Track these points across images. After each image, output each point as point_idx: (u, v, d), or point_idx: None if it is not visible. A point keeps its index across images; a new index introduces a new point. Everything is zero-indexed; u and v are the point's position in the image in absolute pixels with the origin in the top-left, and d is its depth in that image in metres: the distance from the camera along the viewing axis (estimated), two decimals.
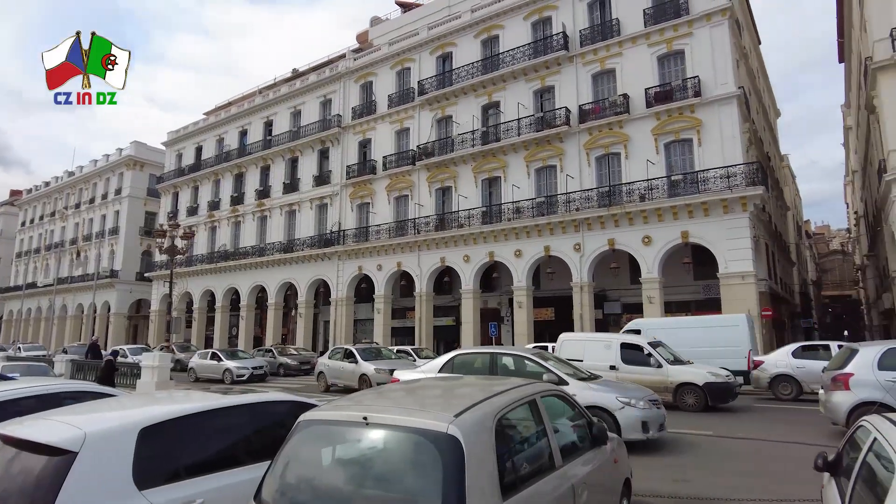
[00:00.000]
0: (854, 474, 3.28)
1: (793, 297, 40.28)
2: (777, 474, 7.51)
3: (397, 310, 33.05)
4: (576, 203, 25.01)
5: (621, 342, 14.69)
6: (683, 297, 25.19)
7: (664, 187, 22.91)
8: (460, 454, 2.75)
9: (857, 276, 57.14)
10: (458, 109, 30.32)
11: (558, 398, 4.39)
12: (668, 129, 23.57)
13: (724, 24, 23.11)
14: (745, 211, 21.25)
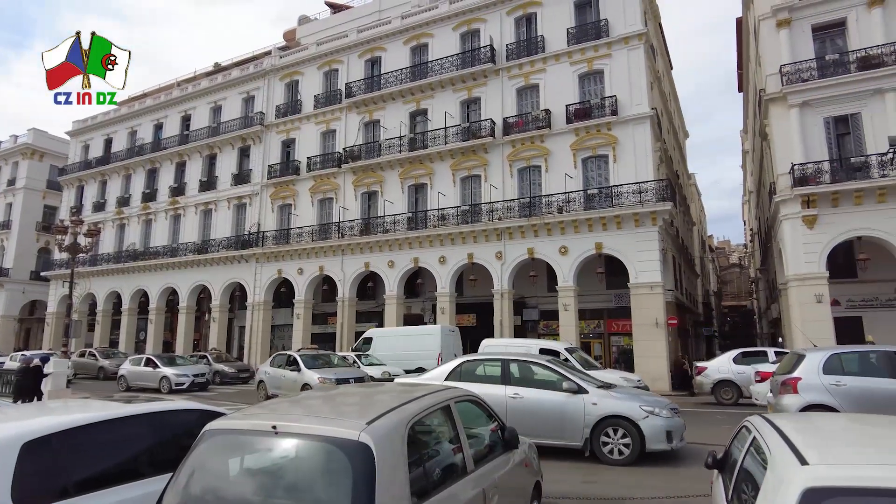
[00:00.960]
0: (736, 471, 3.52)
1: (696, 307, 43.15)
2: (683, 473, 7.92)
3: (318, 315, 32.38)
4: (498, 213, 25.61)
5: (540, 347, 15.31)
6: (597, 306, 26.39)
7: (581, 200, 23.93)
8: (371, 462, 2.76)
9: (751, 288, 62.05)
10: (387, 114, 30.27)
11: (472, 403, 4.49)
12: (586, 144, 24.67)
13: (640, 48, 24.52)
14: (655, 225, 22.58)
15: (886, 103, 19.57)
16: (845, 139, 20.55)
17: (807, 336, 18.84)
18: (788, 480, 2.43)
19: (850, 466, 2.52)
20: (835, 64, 20.58)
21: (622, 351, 25.60)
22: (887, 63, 19.62)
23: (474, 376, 9.80)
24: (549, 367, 9.53)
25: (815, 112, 20.65)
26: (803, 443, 2.76)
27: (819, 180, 19.81)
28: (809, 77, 20.68)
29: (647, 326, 22.01)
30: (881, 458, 2.74)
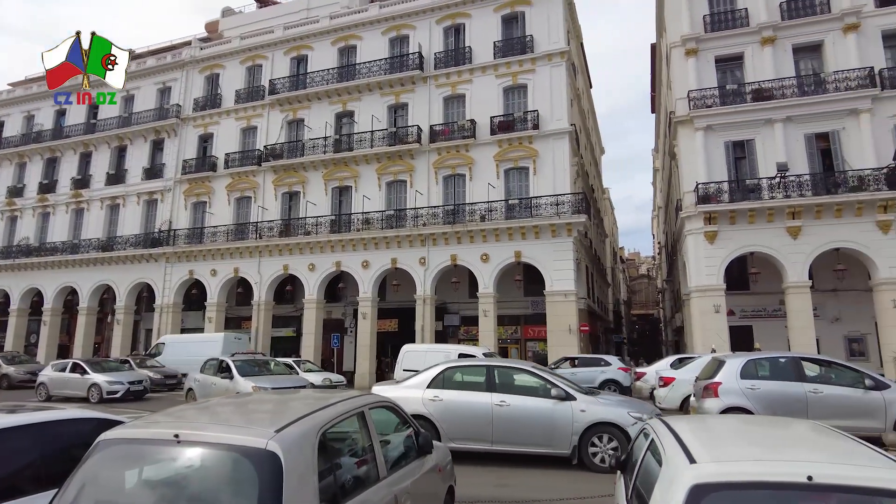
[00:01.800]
0: (635, 470, 3.72)
1: (607, 315, 45.29)
2: (596, 475, 8.12)
3: (232, 319, 31.12)
4: (423, 218, 25.76)
5: (459, 353, 15.53)
6: (515, 312, 27.12)
7: (502, 210, 24.55)
8: (279, 471, 2.71)
9: (658, 298, 65.90)
10: (311, 114, 29.69)
11: (387, 409, 4.51)
12: (508, 156, 25.36)
13: (563, 65, 25.56)
14: (570, 236, 23.55)
15: (775, 132, 21.53)
16: (742, 162, 22.38)
17: (707, 343, 20.31)
18: (678, 478, 2.61)
19: (731, 463, 2.73)
20: (733, 93, 22.41)
21: (537, 356, 26.42)
22: (776, 96, 21.63)
23: (458, 384, 9.43)
24: (536, 374, 9.29)
25: (718, 136, 22.37)
26: (694, 443, 2.98)
27: (719, 199, 21.44)
28: (713, 103, 22.39)
29: (560, 332, 22.88)
30: (759, 455, 3.01)
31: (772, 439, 3.55)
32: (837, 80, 21.27)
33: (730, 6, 23.60)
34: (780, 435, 3.68)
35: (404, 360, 15.77)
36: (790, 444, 3.35)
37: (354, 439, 3.85)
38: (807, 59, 22.66)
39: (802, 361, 10.94)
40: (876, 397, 9.93)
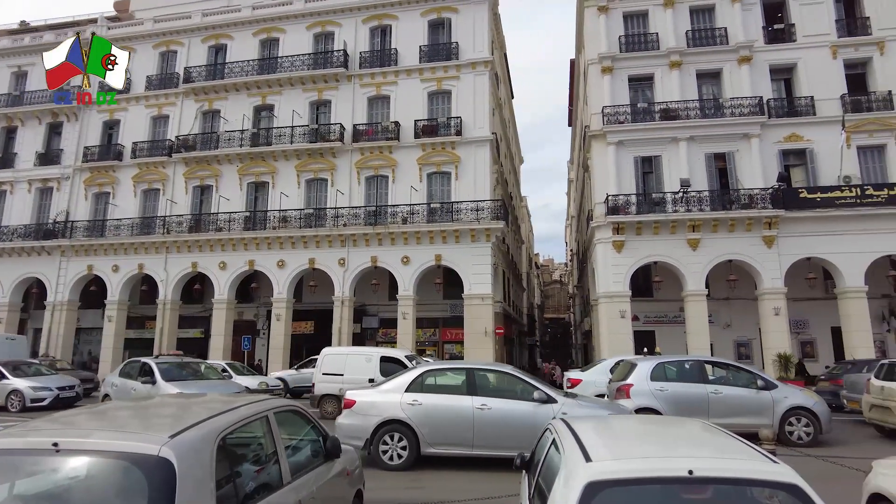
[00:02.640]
0: (538, 469, 3.84)
1: (522, 318, 46.61)
2: (507, 476, 8.02)
3: (134, 318, 29.20)
4: (344, 219, 25.40)
5: (381, 356, 15.35)
6: (433, 315, 27.30)
7: (424, 213, 24.69)
8: (172, 478, 2.58)
9: (569, 303, 68.58)
10: (229, 105, 28.49)
11: (293, 413, 4.43)
12: (431, 160, 25.55)
13: (486, 74, 26.10)
14: (489, 241, 24.08)
15: (680, 150, 23.12)
16: (649, 176, 23.82)
17: (613, 346, 21.38)
18: (575, 476, 2.74)
19: (622, 461, 2.91)
20: (644, 111, 23.84)
21: (454, 358, 26.72)
22: (681, 117, 23.25)
23: (437, 387, 9.24)
24: (516, 376, 9.28)
25: (628, 151, 23.68)
26: (591, 443, 3.13)
27: (628, 211, 22.69)
28: (624, 120, 23.69)
29: (477, 335, 23.31)
30: (649, 452, 3.22)
31: (663, 438, 3.78)
32: (733, 105, 23.16)
33: (643, 29, 25.09)
34: (672, 434, 3.93)
35: (324, 364, 15.45)
36: (679, 442, 3.59)
37: (257, 444, 3.74)
38: (708, 85, 24.50)
39: (705, 364, 11.82)
40: (766, 396, 10.91)
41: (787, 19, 24.44)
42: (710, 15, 24.85)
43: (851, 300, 21.35)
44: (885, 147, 22.52)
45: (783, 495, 2.57)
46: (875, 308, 22.57)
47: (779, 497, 2.59)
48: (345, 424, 9.00)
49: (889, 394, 11.71)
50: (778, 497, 2.59)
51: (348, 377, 14.79)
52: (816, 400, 11.42)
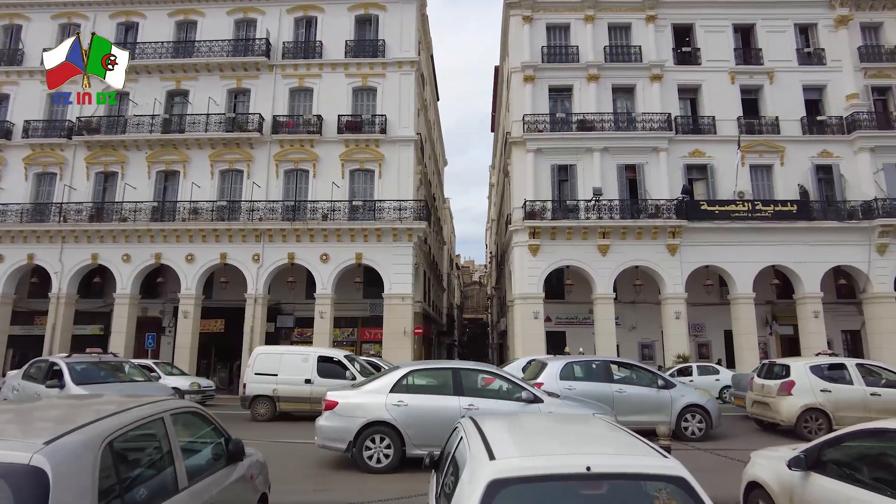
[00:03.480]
0: (446, 467, 3.89)
1: (441, 318, 47.04)
2: (419, 476, 8.20)
3: (22, 313, 26.69)
4: (260, 213, 24.54)
5: (319, 355, 14.99)
6: (352, 314, 26.98)
7: (346, 210, 24.34)
8: (45, 490, 2.38)
9: (487, 304, 69.99)
10: (139, 88, 26.67)
11: (193, 415, 4.25)
12: (354, 157, 25.24)
13: (412, 74, 26.12)
14: (411, 241, 24.12)
15: (594, 160, 24.23)
16: (565, 184, 24.79)
17: (527, 346, 22.04)
18: (478, 474, 2.79)
19: (524, 459, 2.99)
20: (562, 121, 24.78)
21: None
22: (596, 128, 24.39)
23: (423, 387, 9.12)
24: (502, 376, 9.36)
25: (546, 159, 24.53)
26: (497, 441, 3.20)
27: (544, 216, 23.50)
28: (544, 129, 24.51)
29: (396, 335, 23.28)
30: (552, 450, 3.32)
31: (567, 436, 3.93)
32: (644, 120, 24.59)
33: (564, 42, 26.09)
34: (576, 432, 4.08)
35: (256, 364, 14.89)
36: (581, 439, 3.73)
37: (152, 449, 3.54)
38: (623, 99, 25.86)
39: (611, 364, 12.47)
40: (665, 395, 11.67)
41: (693, 44, 26.27)
42: (627, 33, 26.24)
43: (741, 305, 23.29)
44: (773, 167, 24.74)
45: (671, 487, 2.74)
46: (761, 313, 24.73)
47: (667, 489, 2.75)
48: (326, 427, 8.71)
49: (767, 391, 12.90)
50: (666, 489, 2.75)
51: (283, 377, 14.43)
52: (709, 398, 12.39)
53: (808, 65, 25.91)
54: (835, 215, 23.75)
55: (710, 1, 26.15)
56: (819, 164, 24.70)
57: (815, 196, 24.28)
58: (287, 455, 9.82)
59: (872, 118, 24.83)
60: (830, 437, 5.01)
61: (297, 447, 10.67)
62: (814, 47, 26.24)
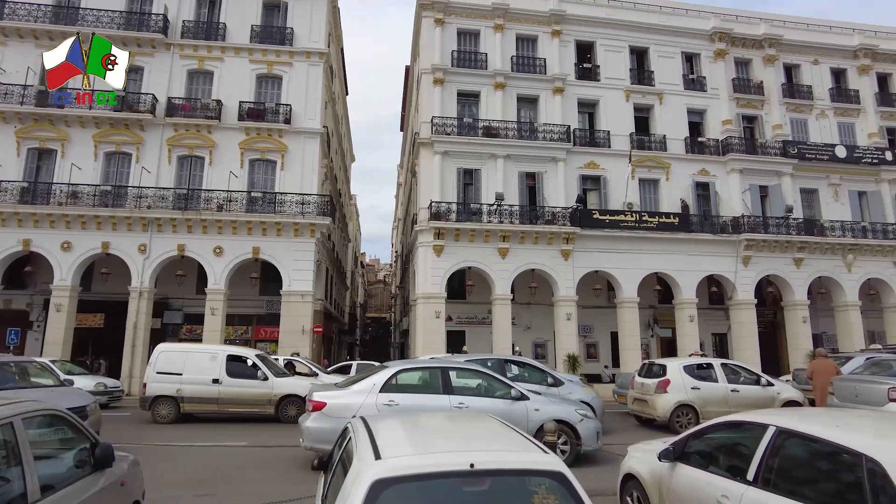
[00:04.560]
0: (333, 467, 3.83)
1: (343, 317, 46.31)
2: (308, 477, 7.92)
3: None
4: (148, 200, 22.86)
5: (228, 354, 14.26)
6: (247, 311, 25.90)
7: (244, 202, 23.30)
8: None
9: (391, 303, 69.92)
10: (9, 53, 23.91)
11: (53, 418, 3.88)
12: (255, 146, 24.22)
13: (320, 66, 25.51)
14: (313, 237, 23.53)
15: (497, 166, 24.96)
16: (470, 188, 25.31)
17: (428, 345, 22.24)
18: (363, 474, 2.77)
19: (410, 458, 3.00)
20: (469, 126, 25.28)
21: None
22: (501, 135, 25.14)
23: (412, 387, 9.04)
24: (489, 374, 9.50)
25: (452, 161, 24.91)
26: (385, 440, 3.19)
27: (449, 218, 23.86)
28: (451, 132, 24.88)
29: (293, 333, 22.61)
30: (440, 448, 3.36)
31: (456, 433, 3.97)
32: (545, 130, 25.67)
33: (474, 48, 26.64)
34: (466, 429, 4.14)
35: (158, 362, 13.81)
36: (469, 437, 3.79)
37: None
38: (527, 109, 26.84)
39: (506, 363, 12.87)
40: (554, 392, 12.22)
41: (594, 61, 27.82)
42: (533, 45, 27.29)
43: (626, 309, 24.99)
44: (659, 182, 26.79)
45: (550, 482, 2.85)
46: (644, 316, 26.67)
47: (546, 484, 2.85)
48: (314, 428, 8.30)
49: (646, 389, 13.95)
50: (545, 484, 2.85)
51: (188, 377, 13.58)
52: (594, 395, 13.16)
53: (692, 90, 28.32)
54: (710, 228, 26.16)
55: (610, 22, 27.83)
56: (699, 181, 27.09)
57: (694, 210, 26.59)
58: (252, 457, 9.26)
59: (742, 143, 27.63)
60: (694, 430, 5.43)
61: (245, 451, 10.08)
62: (697, 75, 28.73)
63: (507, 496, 2.93)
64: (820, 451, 3.85)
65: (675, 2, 30.53)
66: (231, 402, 13.77)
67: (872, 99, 30.08)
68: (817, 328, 28.11)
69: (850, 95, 30.07)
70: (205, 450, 9.33)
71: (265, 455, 10.06)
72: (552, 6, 26.91)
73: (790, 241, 26.29)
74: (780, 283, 27.17)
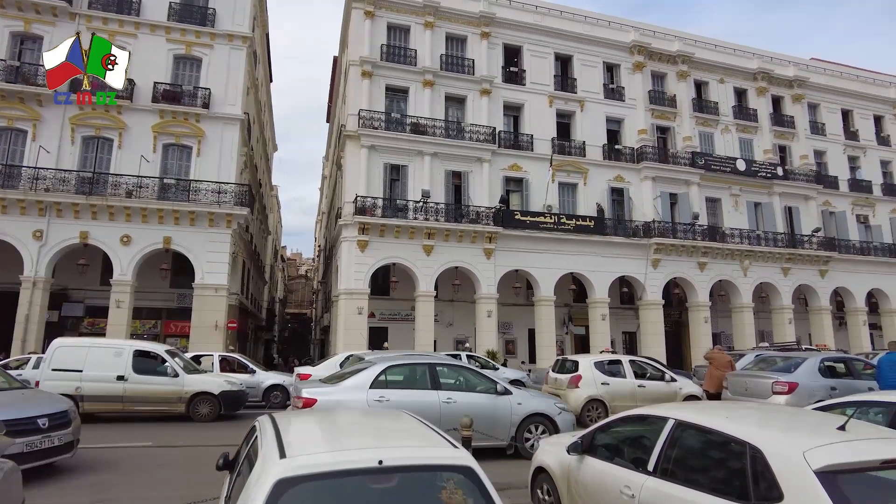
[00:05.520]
0: (238, 466, 3.69)
1: (261, 312, 44.81)
2: (216, 478, 7.80)
3: None
4: (47, 182, 21.06)
5: (135, 349, 13.30)
6: (156, 304, 24.53)
7: (155, 188, 21.99)
8: None
9: (312, 298, 68.45)
10: None
11: None
12: (170, 130, 22.90)
13: (243, 50, 24.49)
14: (230, 228, 22.58)
15: (425, 163, 25.02)
16: (396, 183, 25.22)
17: (349, 342, 21.95)
18: (266, 472, 2.68)
19: (316, 455, 2.92)
20: (397, 122, 25.17)
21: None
22: (428, 133, 25.22)
23: (401, 383, 9.18)
24: (474, 370, 9.98)
25: (379, 156, 24.71)
26: (293, 438, 3.10)
27: (374, 213, 23.66)
28: (379, 126, 24.66)
29: (206, 329, 21.61)
30: (349, 445, 3.27)
31: (368, 430, 3.94)
32: (472, 131, 26.02)
33: (404, 44, 26.53)
34: (379, 425, 4.12)
35: (55, 358, 12.63)
36: (381, 433, 3.78)
37: None
38: (454, 108, 27.07)
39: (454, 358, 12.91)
40: None
41: (520, 65, 28.49)
42: (463, 45, 27.56)
43: (543, 307, 25.82)
44: (577, 186, 27.87)
45: (458, 477, 2.87)
46: (559, 315, 27.69)
47: (454, 479, 2.87)
48: None
49: (560, 384, 14.48)
50: (454, 479, 2.87)
51: (90, 374, 12.54)
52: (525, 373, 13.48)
53: (611, 99, 29.65)
54: (623, 232, 27.52)
55: (538, 28, 28.59)
56: (614, 186, 28.43)
57: (609, 214, 27.87)
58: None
59: (655, 152, 29.26)
60: (601, 423, 5.67)
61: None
62: (617, 85, 30.11)
63: (416, 492, 2.92)
64: (712, 441, 4.11)
65: (599, 13, 31.88)
66: (138, 401, 12.97)
67: (768, 118, 32.78)
68: (717, 328, 30.32)
69: (749, 114, 32.60)
70: (102, 452, 8.69)
71: (171, 455, 9.58)
72: (482, 8, 27.29)
73: (696, 246, 28.16)
74: (685, 286, 29.04)
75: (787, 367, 12.56)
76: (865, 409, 6.08)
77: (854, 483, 3.23)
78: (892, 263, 33.33)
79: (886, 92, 37.13)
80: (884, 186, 35.41)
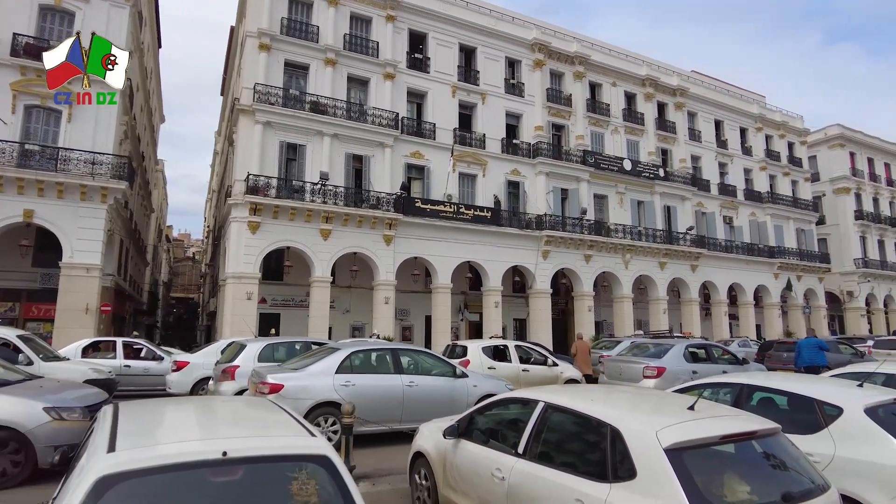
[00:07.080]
0: (75, 462, 3.25)
1: (141, 295, 41.67)
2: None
3: None
4: None
5: None
6: (16, 285, 22.06)
7: (14, 154, 19.58)
8: None
9: (200, 282, 64.67)
10: None
11: None
12: (35, 90, 20.39)
13: (126, 9, 22.34)
14: (105, 203, 20.64)
15: (324, 144, 24.34)
16: (293, 163, 24.32)
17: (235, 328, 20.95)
18: (89, 468, 2.44)
19: (148, 449, 2.73)
20: (295, 99, 24.23)
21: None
22: (329, 113, 24.53)
23: (366, 367, 9.68)
24: (433, 354, 10.86)
25: (275, 134, 23.67)
26: (128, 429, 2.85)
27: (267, 193, 22.66)
28: (275, 102, 23.60)
29: (75, 312, 19.67)
30: (189, 436, 3.07)
31: (214, 419, 3.71)
32: (374, 115, 25.65)
33: (306, 18, 25.51)
34: (226, 413, 3.91)
35: None
36: (228, 422, 3.58)
37: None
38: (357, 90, 26.51)
39: (312, 345, 12.64)
40: None
41: (425, 52, 28.42)
42: (368, 26, 26.99)
43: (440, 294, 26.18)
44: (476, 177, 28.42)
45: (312, 466, 2.73)
46: (455, 302, 28.21)
47: (306, 469, 2.71)
48: None
49: None
50: (306, 469, 2.71)
51: None
52: None
53: (512, 94, 30.44)
54: (517, 224, 28.49)
55: (443, 17, 28.64)
56: (511, 179, 29.30)
57: (505, 206, 28.71)
58: None
59: (550, 149, 30.49)
60: (477, 407, 5.79)
61: None
62: (517, 80, 30.95)
63: (263, 485, 2.71)
64: (578, 423, 4.33)
65: (504, 8, 32.53)
66: None
67: (653, 122, 35.25)
68: (599, 316, 32.35)
69: (637, 117, 34.86)
70: None
71: None
72: None
73: (583, 239, 29.76)
74: (572, 276, 30.66)
75: (657, 353, 13.66)
76: (717, 389, 6.72)
77: (697, 457, 3.50)
78: (749, 261, 37.30)
79: (750, 107, 41.33)
80: (745, 192, 39.41)
